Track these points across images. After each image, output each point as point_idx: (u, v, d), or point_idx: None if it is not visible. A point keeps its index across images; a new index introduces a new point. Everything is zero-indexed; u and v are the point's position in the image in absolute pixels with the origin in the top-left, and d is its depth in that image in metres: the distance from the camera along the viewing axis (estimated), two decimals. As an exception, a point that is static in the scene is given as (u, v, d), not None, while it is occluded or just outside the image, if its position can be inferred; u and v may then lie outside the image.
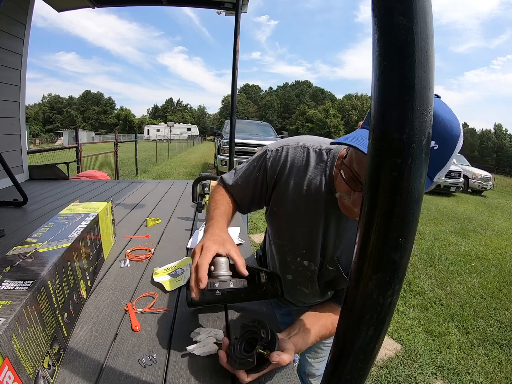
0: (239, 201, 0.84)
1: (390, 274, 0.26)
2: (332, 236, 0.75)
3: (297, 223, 0.77)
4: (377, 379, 1.85)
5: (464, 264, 3.90)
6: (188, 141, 29.81)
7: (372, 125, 0.25)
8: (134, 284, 0.90)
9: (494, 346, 2.29)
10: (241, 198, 0.84)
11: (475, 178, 11.06)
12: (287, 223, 0.79)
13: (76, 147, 5.15)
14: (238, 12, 2.73)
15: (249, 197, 0.82)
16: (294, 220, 0.77)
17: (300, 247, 0.79)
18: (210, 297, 0.74)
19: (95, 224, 0.96)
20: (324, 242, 0.76)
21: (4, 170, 1.83)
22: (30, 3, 2.49)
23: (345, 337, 0.30)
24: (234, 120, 2.98)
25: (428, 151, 0.24)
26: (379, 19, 0.23)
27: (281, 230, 0.82)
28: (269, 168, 0.76)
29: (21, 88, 2.55)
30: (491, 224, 6.32)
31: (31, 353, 0.48)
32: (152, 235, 1.31)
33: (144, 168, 10.17)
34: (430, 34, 0.22)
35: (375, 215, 0.25)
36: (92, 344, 0.64)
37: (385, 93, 0.24)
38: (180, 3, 3.20)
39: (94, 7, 2.88)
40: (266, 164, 0.77)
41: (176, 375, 0.57)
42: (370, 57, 0.24)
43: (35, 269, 0.59)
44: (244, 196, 0.83)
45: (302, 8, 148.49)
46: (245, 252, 1.16)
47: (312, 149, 0.74)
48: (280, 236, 0.83)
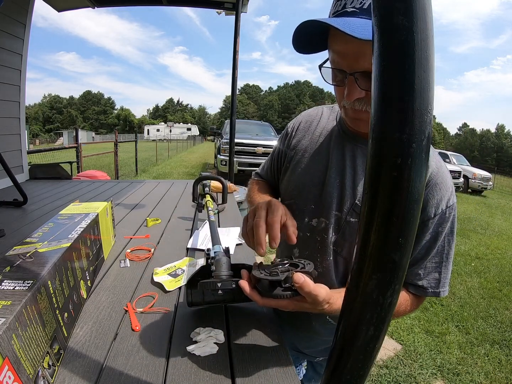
0: (265, 177, 0.93)
1: (390, 274, 0.26)
2: (349, 175, 0.68)
3: (307, 169, 0.74)
4: (377, 379, 1.85)
5: (464, 264, 3.90)
6: (188, 141, 29.82)
7: (372, 125, 0.25)
8: (134, 284, 0.90)
9: (494, 346, 2.29)
10: (266, 173, 0.92)
11: (475, 178, 11.07)
12: (297, 174, 0.76)
13: (76, 147, 5.15)
14: (238, 12, 2.73)
15: (271, 166, 0.89)
16: (304, 168, 0.75)
17: (309, 200, 0.72)
18: (211, 297, 0.74)
19: (95, 224, 0.96)
20: (340, 185, 0.68)
21: (4, 170, 1.83)
22: (30, 3, 2.49)
23: (345, 337, 0.30)
24: (234, 120, 2.98)
25: (428, 151, 0.24)
26: (379, 19, 0.23)
27: (290, 185, 0.78)
28: (288, 131, 0.84)
29: (21, 88, 2.55)
30: (491, 224, 6.32)
31: (31, 353, 0.48)
32: (152, 235, 1.31)
33: (144, 168, 10.17)
34: (430, 34, 0.22)
35: (375, 215, 0.25)
36: (92, 344, 0.64)
37: (385, 93, 0.24)
38: (180, 3, 3.20)
39: (94, 7, 2.88)
40: (287, 131, 0.84)
41: (176, 375, 0.57)
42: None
43: (35, 269, 0.59)
44: (268, 169, 0.91)
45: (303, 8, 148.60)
46: (245, 252, 1.16)
47: (326, 107, 0.82)
48: (288, 193, 0.78)
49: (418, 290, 0.66)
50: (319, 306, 0.52)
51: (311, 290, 0.49)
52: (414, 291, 0.66)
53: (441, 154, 11.94)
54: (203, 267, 0.71)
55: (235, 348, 0.64)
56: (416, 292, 0.66)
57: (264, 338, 0.68)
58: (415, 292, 0.66)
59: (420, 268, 0.64)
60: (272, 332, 0.70)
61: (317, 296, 0.49)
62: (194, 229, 1.40)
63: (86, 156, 6.19)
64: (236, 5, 2.72)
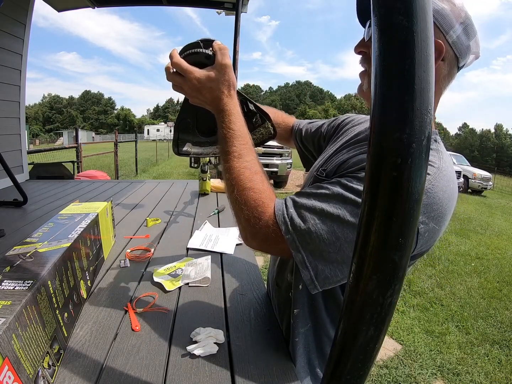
0: (307, 126, 0.96)
1: (390, 274, 0.26)
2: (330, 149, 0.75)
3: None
4: (377, 379, 1.85)
5: (464, 264, 3.90)
6: (188, 141, 29.71)
7: (372, 125, 0.25)
8: (134, 284, 0.90)
9: (494, 346, 2.29)
10: (311, 127, 0.94)
11: (475, 178, 11.07)
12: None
13: (76, 147, 5.15)
14: (238, 12, 2.73)
15: (315, 132, 0.91)
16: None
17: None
18: (199, 149, 0.73)
19: (95, 224, 0.96)
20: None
21: (4, 170, 1.83)
22: (30, 3, 2.49)
23: (345, 337, 0.30)
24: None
25: (428, 151, 0.24)
26: (379, 19, 0.23)
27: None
28: (339, 123, 0.86)
29: (21, 88, 2.55)
30: (491, 224, 6.32)
31: (31, 353, 0.48)
32: (152, 235, 1.31)
33: (144, 168, 10.18)
34: (430, 34, 0.22)
35: (375, 215, 0.25)
36: (92, 344, 0.64)
37: (385, 93, 0.24)
38: (180, 3, 3.20)
39: (94, 7, 2.87)
40: (340, 120, 0.86)
41: (176, 375, 0.57)
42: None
43: (35, 269, 0.59)
44: (313, 128, 0.93)
45: (303, 9, 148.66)
46: (245, 252, 1.16)
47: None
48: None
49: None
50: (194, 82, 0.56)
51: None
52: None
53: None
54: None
55: (235, 348, 0.64)
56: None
57: (264, 338, 0.68)
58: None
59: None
60: (272, 332, 0.70)
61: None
62: (194, 229, 1.40)
63: (86, 156, 6.20)
64: (236, 5, 2.72)
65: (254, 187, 0.53)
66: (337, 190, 0.51)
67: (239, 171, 0.54)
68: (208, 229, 1.39)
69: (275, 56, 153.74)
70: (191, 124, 0.72)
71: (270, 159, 7.14)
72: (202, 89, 0.57)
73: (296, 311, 0.67)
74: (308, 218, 0.50)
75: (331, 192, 0.51)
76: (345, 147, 0.68)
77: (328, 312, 0.68)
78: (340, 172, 0.58)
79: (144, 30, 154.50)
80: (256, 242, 0.54)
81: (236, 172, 0.54)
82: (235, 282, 0.92)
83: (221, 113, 0.57)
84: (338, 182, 0.53)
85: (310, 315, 0.68)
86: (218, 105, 0.57)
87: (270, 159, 7.14)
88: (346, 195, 0.50)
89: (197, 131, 0.73)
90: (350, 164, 0.57)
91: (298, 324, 0.67)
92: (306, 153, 0.97)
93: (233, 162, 0.55)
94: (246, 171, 0.55)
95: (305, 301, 0.67)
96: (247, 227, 0.53)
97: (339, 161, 0.62)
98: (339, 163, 0.61)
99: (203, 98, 0.58)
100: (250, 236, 0.54)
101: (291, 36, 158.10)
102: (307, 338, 0.68)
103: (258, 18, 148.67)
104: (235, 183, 0.54)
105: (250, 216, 0.52)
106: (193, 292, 0.86)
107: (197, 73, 0.55)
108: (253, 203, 0.52)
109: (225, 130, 0.56)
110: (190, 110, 0.65)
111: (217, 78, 0.56)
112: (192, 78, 0.56)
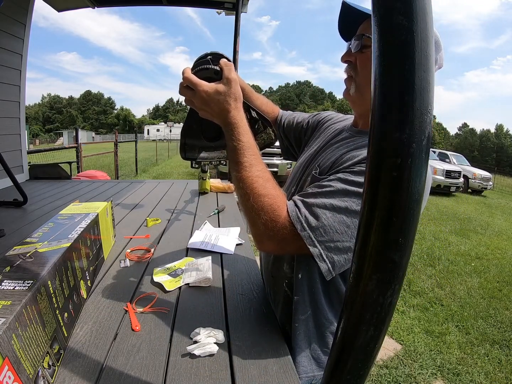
0: (289, 117, 1.03)
1: (390, 274, 0.26)
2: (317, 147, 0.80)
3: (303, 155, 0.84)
4: (377, 379, 1.85)
5: (464, 264, 3.90)
6: (188, 141, 29.70)
7: (372, 125, 0.25)
8: (134, 284, 0.90)
9: (494, 346, 2.29)
10: (293, 120, 1.01)
11: (475, 178, 11.06)
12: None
13: (76, 147, 5.15)
14: (238, 12, 2.73)
15: (298, 124, 0.99)
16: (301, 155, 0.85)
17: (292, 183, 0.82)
18: (204, 154, 0.76)
19: (95, 224, 0.96)
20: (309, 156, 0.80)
21: (4, 170, 1.83)
22: (30, 3, 2.49)
23: (345, 337, 0.30)
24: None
25: (428, 151, 0.24)
26: (379, 19, 0.23)
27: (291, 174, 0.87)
28: (321, 118, 0.94)
29: (21, 88, 2.55)
30: (491, 224, 6.32)
31: (31, 353, 0.48)
32: (152, 235, 1.31)
33: (144, 168, 10.18)
34: (430, 34, 0.22)
35: (375, 215, 0.25)
36: (92, 344, 0.64)
37: (385, 93, 0.24)
38: (180, 3, 3.20)
39: (94, 7, 2.87)
40: (320, 116, 0.96)
41: (176, 375, 0.57)
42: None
43: (35, 269, 0.59)
44: (297, 119, 1.01)
45: (304, 9, 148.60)
46: (246, 252, 1.16)
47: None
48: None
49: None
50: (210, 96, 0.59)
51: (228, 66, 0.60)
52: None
53: (441, 154, 11.95)
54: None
55: (235, 348, 0.64)
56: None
57: (264, 338, 0.68)
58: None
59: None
60: (272, 332, 0.70)
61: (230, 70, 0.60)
62: (194, 229, 1.40)
63: (86, 156, 6.20)
64: (236, 5, 2.72)
65: (268, 194, 0.57)
66: (339, 185, 0.57)
67: (253, 179, 0.58)
68: (208, 229, 1.39)
69: (275, 56, 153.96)
70: (196, 129, 0.74)
71: (270, 159, 7.14)
72: (210, 102, 0.59)
73: (296, 298, 0.72)
74: (320, 214, 0.55)
75: (334, 188, 0.57)
76: (332, 144, 0.75)
77: (326, 296, 0.72)
78: (335, 168, 0.64)
79: (144, 30, 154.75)
80: (274, 244, 0.58)
81: (250, 181, 0.58)
82: (235, 282, 0.92)
83: (229, 126, 0.60)
84: (338, 178, 0.58)
85: (311, 301, 0.72)
86: (226, 118, 0.60)
87: (270, 159, 7.14)
88: (348, 188, 0.56)
89: (202, 137, 0.75)
90: (343, 161, 0.63)
91: (298, 311, 0.71)
92: (285, 142, 1.05)
93: (245, 172, 0.58)
94: (259, 179, 0.58)
95: (305, 289, 0.71)
96: (265, 231, 0.57)
97: (332, 159, 0.68)
98: (332, 160, 0.67)
99: (211, 110, 0.61)
100: (267, 239, 0.58)
101: (292, 36, 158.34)
102: (307, 324, 0.72)
103: (258, 18, 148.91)
104: (250, 191, 0.58)
105: (267, 220, 0.56)
106: (193, 292, 0.86)
107: (205, 86, 0.59)
108: (269, 208, 0.56)
109: (235, 142, 0.59)
110: (196, 116, 0.68)
111: (224, 91, 0.59)
112: (201, 91, 0.59)
